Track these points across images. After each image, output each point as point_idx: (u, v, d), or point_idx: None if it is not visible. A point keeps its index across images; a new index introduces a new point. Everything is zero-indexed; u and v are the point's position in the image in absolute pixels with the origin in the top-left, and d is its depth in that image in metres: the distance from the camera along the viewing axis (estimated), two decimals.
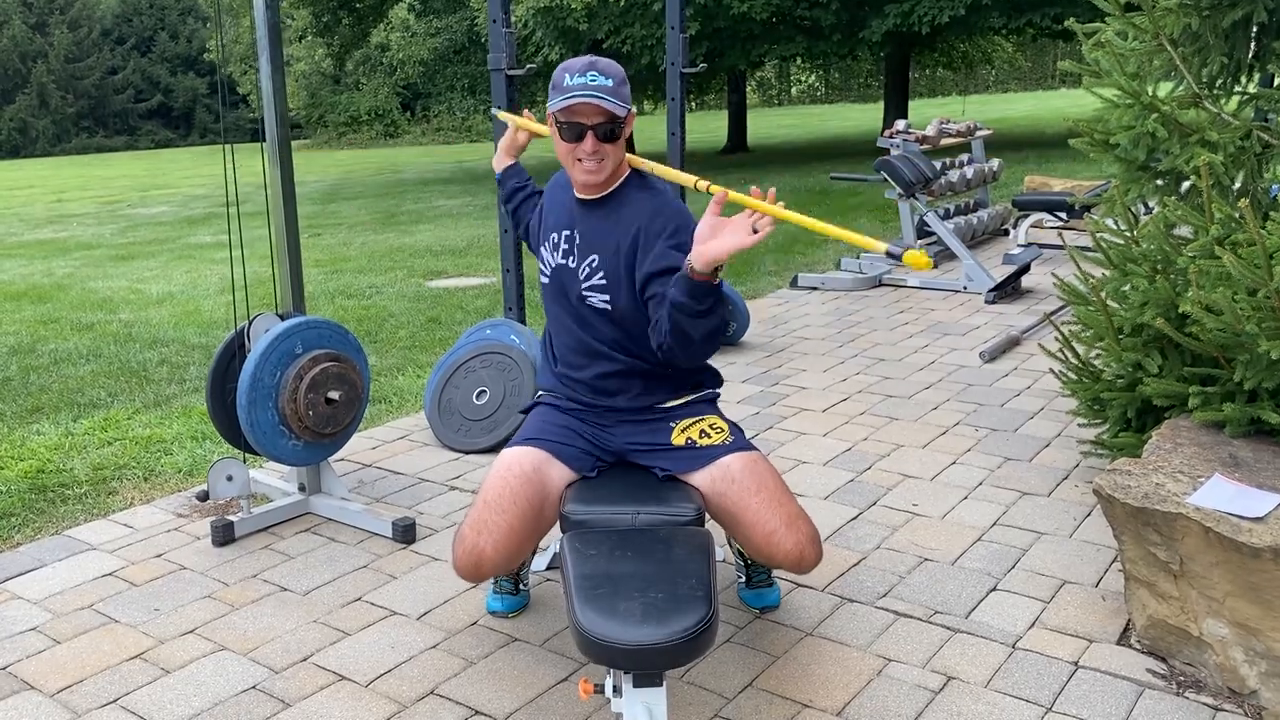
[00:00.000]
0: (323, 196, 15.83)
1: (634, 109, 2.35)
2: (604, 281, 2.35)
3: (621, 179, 2.39)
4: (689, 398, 2.47)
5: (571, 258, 2.41)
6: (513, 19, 15.84)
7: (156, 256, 9.86)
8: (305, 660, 2.47)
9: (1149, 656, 2.38)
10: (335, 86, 35.52)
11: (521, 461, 2.32)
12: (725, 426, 2.42)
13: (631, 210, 2.34)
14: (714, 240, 2.02)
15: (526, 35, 15.94)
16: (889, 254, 1.90)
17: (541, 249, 2.51)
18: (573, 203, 2.44)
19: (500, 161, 2.91)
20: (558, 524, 2.32)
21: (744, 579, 2.66)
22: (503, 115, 3.01)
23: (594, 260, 2.37)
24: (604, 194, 2.38)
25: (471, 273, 8.06)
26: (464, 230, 10.76)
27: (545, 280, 2.50)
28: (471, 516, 2.26)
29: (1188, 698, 2.23)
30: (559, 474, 2.35)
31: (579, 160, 2.30)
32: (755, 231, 1.99)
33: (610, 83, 2.25)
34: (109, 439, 4.15)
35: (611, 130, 2.27)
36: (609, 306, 2.36)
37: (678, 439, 2.39)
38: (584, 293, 2.38)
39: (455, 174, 18.98)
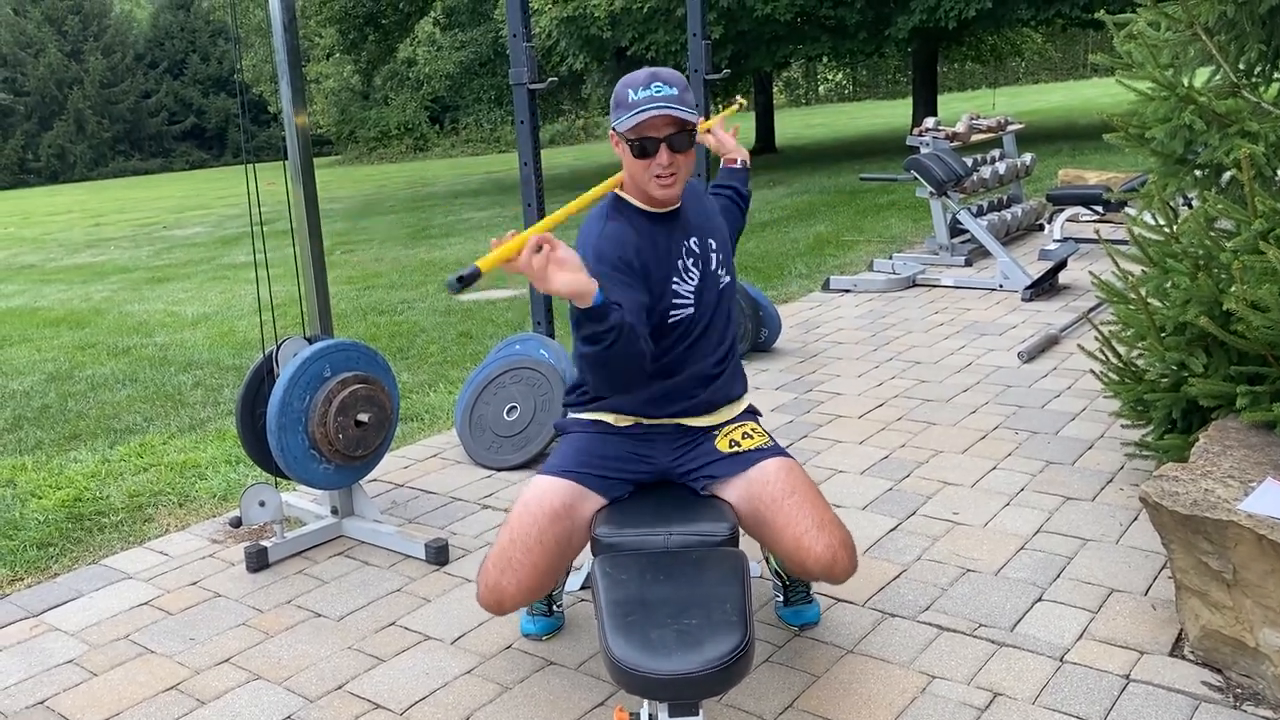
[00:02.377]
0: (355, 213, 15.94)
1: (700, 114, 2.33)
2: (722, 255, 2.43)
3: None
4: (736, 412, 2.47)
5: (704, 261, 2.38)
6: (536, 29, 15.84)
7: (192, 278, 9.96)
8: (340, 689, 2.45)
9: (1203, 668, 2.30)
10: (364, 102, 35.81)
11: (553, 498, 2.26)
12: (765, 434, 2.42)
13: (688, 195, 2.43)
14: (730, 140, 2.89)
15: (550, 45, 15.97)
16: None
17: (671, 292, 2.30)
18: (649, 227, 2.29)
19: (590, 285, 1.98)
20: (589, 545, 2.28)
21: (782, 598, 2.61)
22: (483, 264, 1.89)
23: (711, 244, 2.41)
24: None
25: (501, 285, 8.06)
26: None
27: (689, 312, 2.32)
28: (497, 550, 2.23)
29: (1245, 710, 2.15)
30: (591, 506, 2.30)
31: (656, 176, 2.23)
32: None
33: (675, 91, 2.20)
34: (145, 465, 4.17)
35: (685, 140, 2.22)
36: (729, 279, 2.45)
37: (721, 444, 2.37)
38: (720, 276, 2.41)
39: (484, 185, 19.04)
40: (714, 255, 2.41)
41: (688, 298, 2.32)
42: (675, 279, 2.31)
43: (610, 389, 2.10)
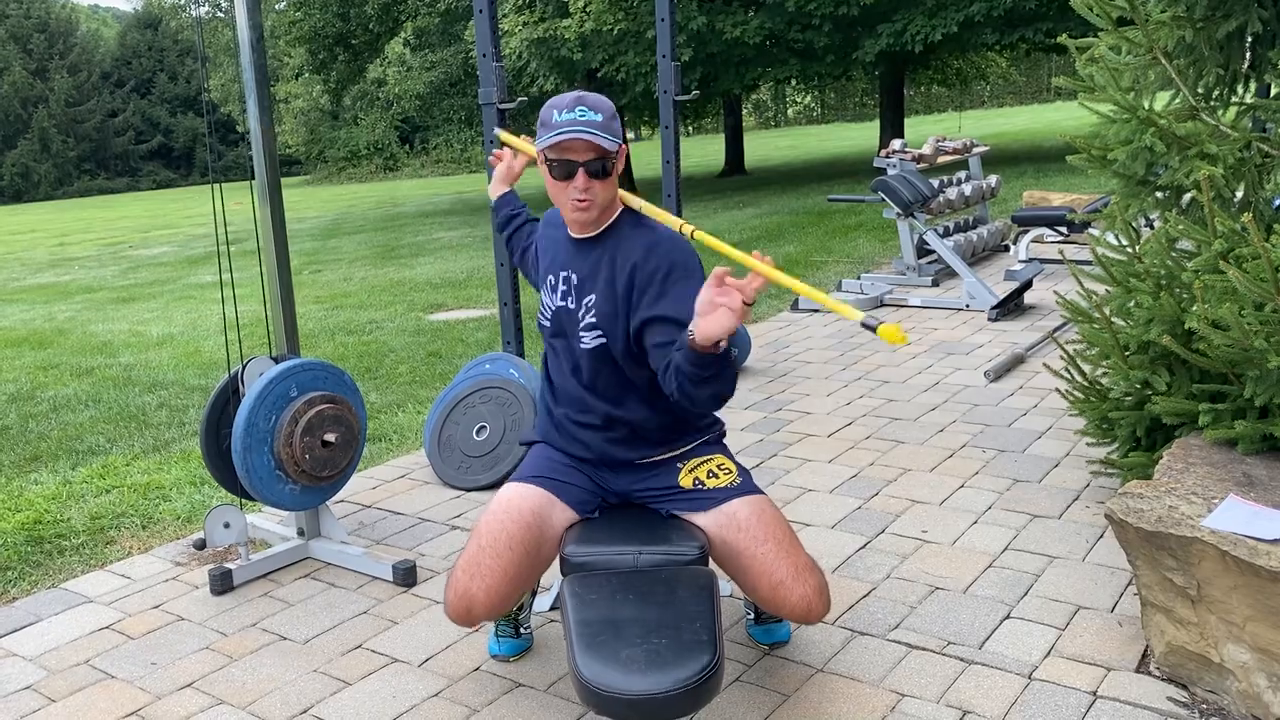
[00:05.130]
0: (323, 232, 15.86)
1: (625, 144, 2.29)
2: (596, 320, 2.28)
3: (615, 215, 2.32)
4: (695, 443, 2.42)
5: (570, 299, 2.34)
6: (507, 51, 15.87)
7: (157, 298, 9.86)
8: (305, 712, 2.42)
9: (1169, 684, 2.32)
10: (334, 122, 35.72)
11: (521, 505, 2.26)
12: (733, 468, 2.36)
13: (627, 247, 2.27)
14: (710, 318, 1.87)
15: (521, 66, 16.01)
16: (864, 325, 1.80)
17: (541, 292, 2.46)
18: (568, 242, 2.38)
19: (496, 189, 2.88)
20: (558, 563, 2.27)
21: (753, 616, 2.60)
22: (503, 136, 2.99)
23: (590, 300, 2.29)
24: (598, 231, 2.31)
25: (471, 305, 8.03)
26: (463, 262, 10.76)
27: (546, 323, 2.42)
28: (465, 558, 2.21)
29: None
30: (560, 516, 2.30)
31: (572, 200, 2.22)
32: (747, 303, 1.83)
33: (600, 117, 2.18)
34: (107, 486, 4.11)
35: (602, 166, 2.20)
36: (604, 344, 2.29)
37: (684, 480, 2.34)
38: (581, 333, 2.31)
39: (454, 205, 19.02)
40: (582, 309, 2.31)
41: (546, 310, 2.42)
42: (544, 287, 2.43)
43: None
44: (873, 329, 1.78)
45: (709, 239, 2.22)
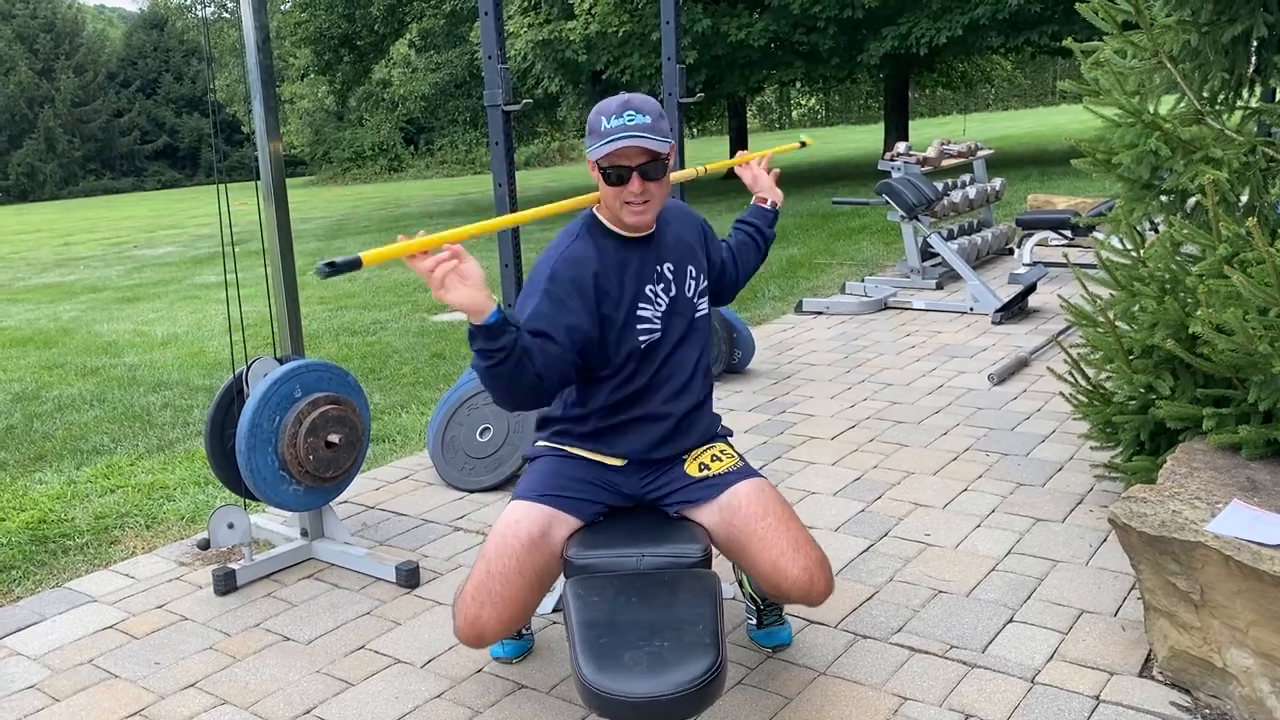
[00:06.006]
0: (328, 232, 15.88)
1: (673, 141, 2.30)
2: (706, 283, 2.46)
3: None
4: (703, 440, 2.46)
5: (677, 286, 2.36)
6: (512, 52, 15.85)
7: (162, 298, 9.88)
8: (308, 713, 2.42)
9: (1172, 689, 2.32)
10: (339, 123, 35.76)
11: (529, 526, 2.23)
12: (735, 454, 2.42)
13: (672, 218, 2.43)
14: (767, 186, 2.82)
15: (526, 68, 16.02)
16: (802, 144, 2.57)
17: (636, 317, 2.30)
18: (624, 248, 2.31)
19: (484, 304, 1.98)
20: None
21: (755, 620, 2.60)
22: (368, 257, 1.89)
23: (691, 269, 2.41)
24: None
25: None
26: None
27: (656, 336, 2.32)
28: (474, 583, 2.18)
29: None
30: (565, 529, 2.28)
31: (627, 203, 2.23)
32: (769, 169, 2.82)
33: (648, 119, 2.18)
34: (111, 486, 4.12)
35: (657, 169, 2.21)
36: (707, 310, 2.45)
37: (690, 468, 2.36)
38: (696, 303, 2.41)
39: (459, 206, 19.04)
40: (690, 282, 2.40)
41: (654, 323, 2.33)
42: (643, 303, 2.31)
43: (500, 403, 2.14)
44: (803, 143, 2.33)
45: (710, 166, 3.13)
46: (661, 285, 2.34)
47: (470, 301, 1.94)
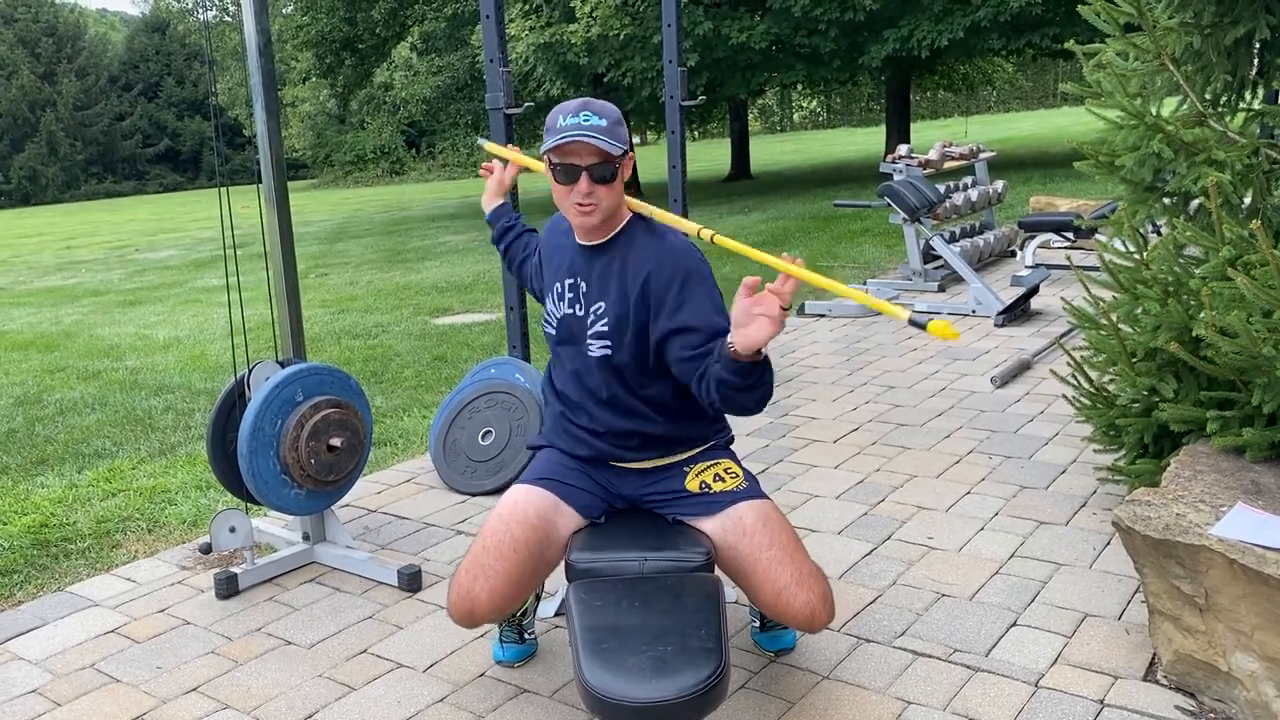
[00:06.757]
0: (329, 236, 15.89)
1: (632, 151, 2.27)
2: (606, 329, 2.27)
3: (624, 223, 2.31)
4: (702, 448, 2.41)
5: (578, 306, 2.32)
6: (513, 55, 15.89)
7: (164, 301, 9.88)
8: (309, 717, 2.41)
9: (1177, 693, 2.31)
10: (340, 126, 35.81)
11: (527, 508, 2.26)
12: (739, 472, 2.36)
13: (638, 255, 2.24)
14: (750, 328, 1.88)
15: (527, 71, 16.03)
16: (912, 322, 1.82)
17: (547, 300, 2.43)
18: (575, 250, 2.35)
19: (489, 201, 2.85)
20: (563, 568, 2.26)
21: (758, 623, 2.60)
22: (489, 146, 2.94)
23: (599, 307, 2.28)
24: (607, 239, 2.29)
25: (477, 309, 8.03)
26: (469, 266, 10.77)
27: (551, 331, 2.40)
28: (469, 559, 2.20)
29: None
30: (566, 520, 2.29)
31: (576, 204, 2.21)
32: (784, 308, 1.86)
33: (604, 122, 2.17)
34: (113, 490, 4.12)
35: (607, 171, 2.19)
36: (609, 354, 2.27)
37: (691, 483, 2.33)
38: (589, 340, 2.30)
39: (461, 209, 19.05)
40: (593, 315, 2.29)
41: (551, 321, 2.41)
42: (550, 295, 2.41)
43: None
44: (922, 326, 1.78)
45: (729, 243, 2.22)
46: (570, 294, 2.35)
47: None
